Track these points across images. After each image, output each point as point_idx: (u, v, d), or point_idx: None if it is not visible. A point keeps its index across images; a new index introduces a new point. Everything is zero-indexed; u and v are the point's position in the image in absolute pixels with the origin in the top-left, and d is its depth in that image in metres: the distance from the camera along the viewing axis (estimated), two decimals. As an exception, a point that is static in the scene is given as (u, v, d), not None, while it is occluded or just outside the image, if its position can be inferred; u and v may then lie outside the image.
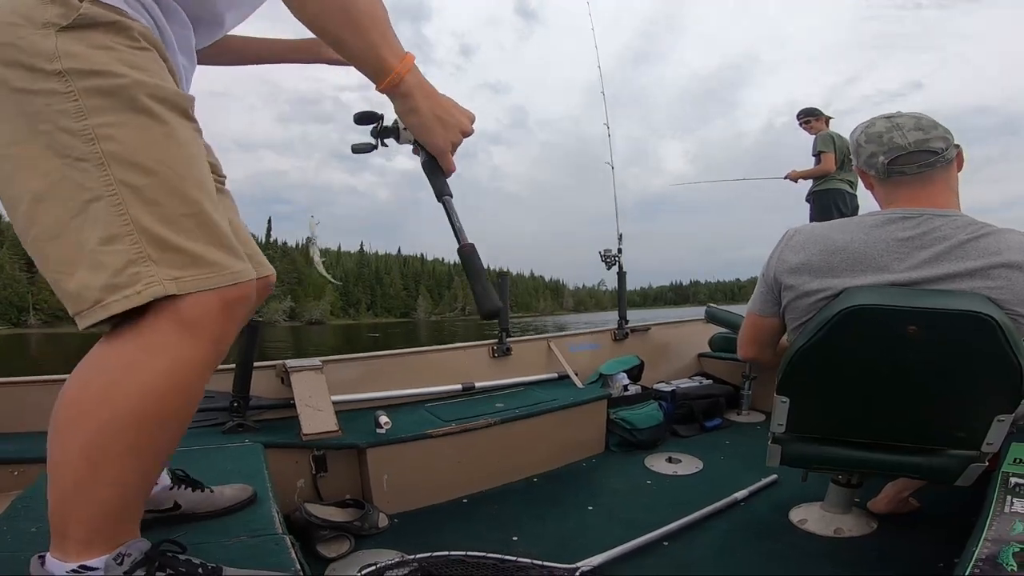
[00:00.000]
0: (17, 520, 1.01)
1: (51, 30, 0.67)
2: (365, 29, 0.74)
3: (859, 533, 1.43)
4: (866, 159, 1.15)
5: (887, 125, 1.13)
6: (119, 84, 0.68)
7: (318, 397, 1.81)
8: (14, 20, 0.67)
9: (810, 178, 4.29)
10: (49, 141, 0.66)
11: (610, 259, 3.18)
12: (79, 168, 0.66)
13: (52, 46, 0.67)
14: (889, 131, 1.12)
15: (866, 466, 1.28)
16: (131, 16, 0.72)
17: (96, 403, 0.67)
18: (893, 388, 1.15)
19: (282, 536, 1.01)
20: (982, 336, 0.99)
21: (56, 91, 0.66)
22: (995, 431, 1.11)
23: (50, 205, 0.67)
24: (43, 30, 0.67)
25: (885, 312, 1.04)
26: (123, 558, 0.69)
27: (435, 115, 0.81)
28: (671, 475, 1.99)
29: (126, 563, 0.69)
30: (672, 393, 2.50)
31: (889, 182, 1.15)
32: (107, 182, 0.66)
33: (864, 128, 1.17)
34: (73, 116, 0.66)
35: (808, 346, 1.14)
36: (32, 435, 1.62)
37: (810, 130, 4.35)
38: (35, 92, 0.67)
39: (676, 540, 1.47)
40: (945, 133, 1.11)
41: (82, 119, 0.66)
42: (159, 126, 0.70)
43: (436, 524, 1.65)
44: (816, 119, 4.34)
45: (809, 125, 4.37)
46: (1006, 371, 1.02)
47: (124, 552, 0.70)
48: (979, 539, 0.92)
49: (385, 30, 0.75)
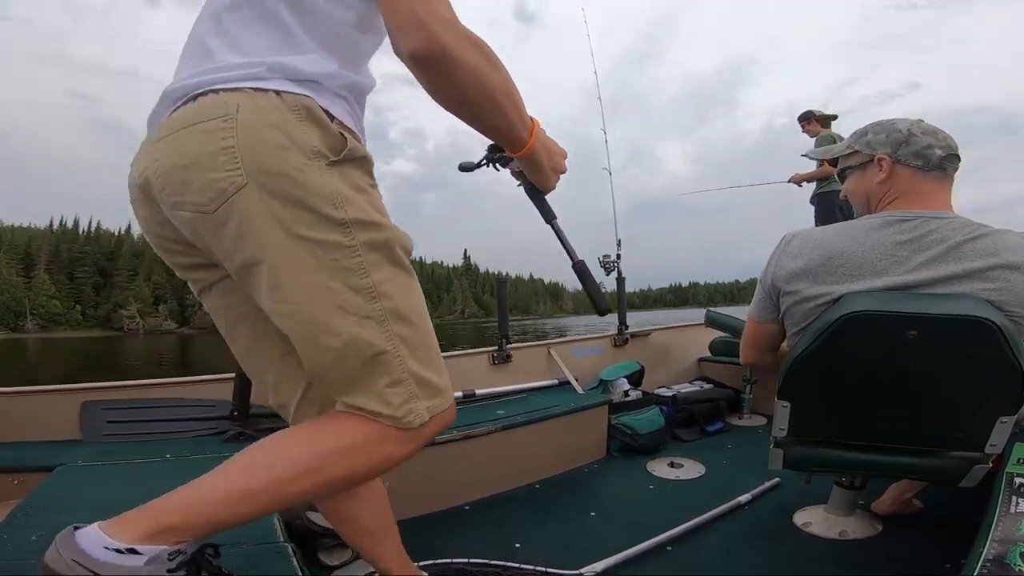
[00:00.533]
0: (17, 528, 1.01)
1: (322, 163, 0.68)
2: (502, 107, 0.76)
3: (864, 535, 1.42)
4: (920, 148, 1.15)
5: (933, 127, 1.17)
6: (384, 238, 0.72)
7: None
8: (282, 142, 0.67)
9: (813, 180, 4.30)
10: (340, 301, 0.70)
11: (609, 265, 3.18)
12: (365, 327, 0.71)
13: (330, 187, 0.68)
14: (940, 131, 1.16)
15: (869, 468, 1.28)
16: (362, 141, 0.75)
17: (319, 458, 0.73)
18: (894, 392, 1.15)
19: (284, 544, 1.00)
20: (982, 340, 0.99)
21: (342, 244, 0.69)
22: (998, 432, 1.11)
23: (344, 360, 0.72)
24: (315, 162, 0.68)
25: (884, 318, 1.04)
26: (178, 555, 0.71)
27: (551, 166, 0.90)
28: (673, 479, 1.99)
29: (176, 559, 0.70)
30: (673, 398, 2.49)
31: (927, 175, 1.15)
32: (388, 337, 0.73)
33: (914, 122, 1.19)
34: (358, 274, 0.70)
35: (807, 352, 1.14)
36: (33, 444, 1.62)
37: (808, 133, 4.38)
38: (322, 244, 0.68)
39: (680, 544, 1.46)
40: None
41: (365, 277, 0.70)
42: (411, 278, 0.77)
43: (438, 531, 1.64)
44: (809, 122, 4.38)
45: (805, 128, 4.41)
46: (1007, 374, 1.02)
47: (182, 550, 0.71)
48: (985, 540, 0.91)
49: (518, 105, 0.78)
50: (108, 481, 1.33)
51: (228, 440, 1.69)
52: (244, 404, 1.79)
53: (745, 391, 2.69)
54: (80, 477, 1.35)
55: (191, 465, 1.40)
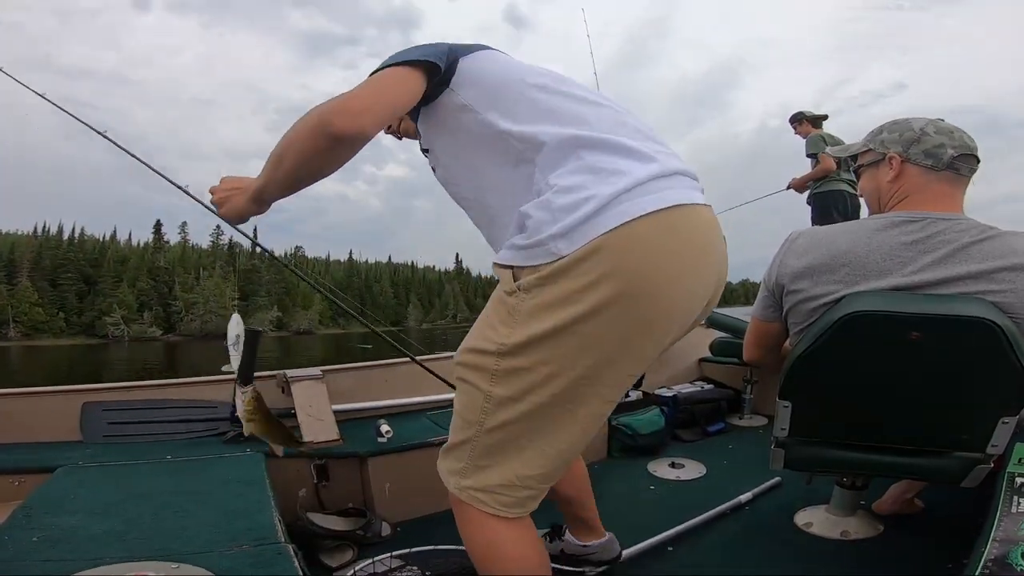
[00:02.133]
0: (18, 529, 1.00)
1: None
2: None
3: (865, 535, 1.42)
4: (931, 147, 1.13)
5: (951, 127, 1.15)
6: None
7: (319, 406, 1.80)
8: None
9: (811, 181, 4.23)
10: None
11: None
12: None
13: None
14: (957, 131, 1.14)
15: (870, 468, 1.28)
16: None
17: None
18: (896, 393, 1.14)
19: (285, 545, 1.00)
20: (986, 342, 0.99)
21: None
22: (1000, 433, 1.10)
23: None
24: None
25: (887, 318, 1.04)
26: None
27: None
28: (674, 480, 1.98)
29: None
30: (673, 398, 2.49)
31: (938, 175, 1.13)
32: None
33: (931, 121, 1.17)
34: None
35: (809, 352, 1.13)
36: (33, 445, 1.61)
37: (800, 134, 4.34)
38: None
39: (681, 544, 1.46)
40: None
41: None
42: None
43: (439, 532, 1.63)
44: (801, 123, 4.35)
45: (797, 129, 4.38)
46: (1010, 375, 1.02)
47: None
48: (987, 540, 0.91)
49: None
50: (108, 482, 1.32)
51: (228, 441, 1.69)
52: (244, 405, 1.79)
53: (746, 391, 2.69)
54: (80, 478, 1.35)
55: (191, 467, 1.40)
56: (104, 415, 1.74)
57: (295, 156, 0.85)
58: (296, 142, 0.84)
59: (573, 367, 0.80)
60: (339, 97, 0.83)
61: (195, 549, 0.98)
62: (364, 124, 0.81)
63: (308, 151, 0.84)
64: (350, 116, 0.80)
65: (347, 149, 0.84)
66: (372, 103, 0.83)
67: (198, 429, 1.79)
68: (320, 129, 0.81)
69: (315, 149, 0.83)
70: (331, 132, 0.80)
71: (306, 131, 0.83)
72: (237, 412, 1.27)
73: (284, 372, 1.91)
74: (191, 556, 0.95)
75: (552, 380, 0.81)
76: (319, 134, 0.81)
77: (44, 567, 0.90)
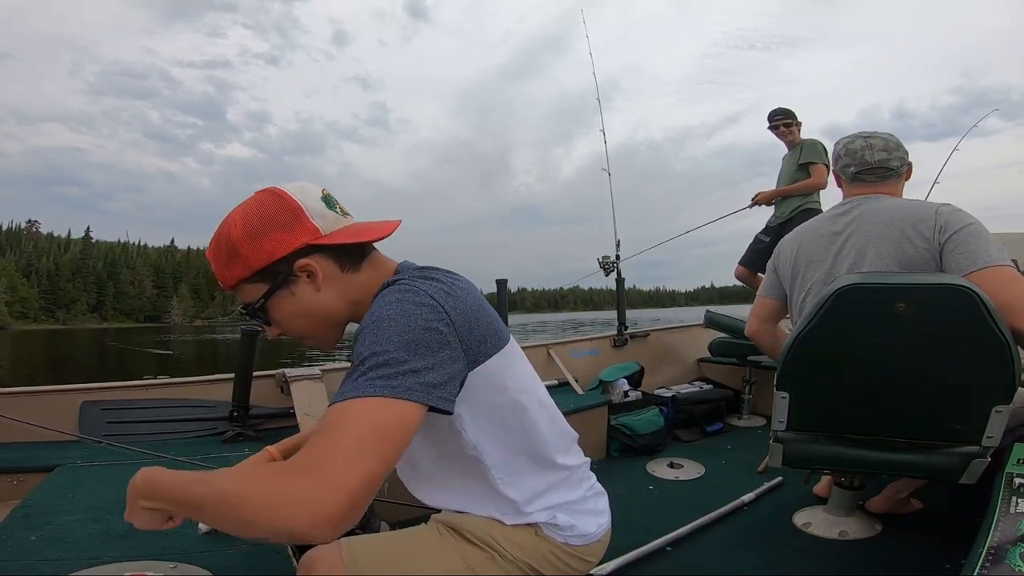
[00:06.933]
0: (17, 528, 1.01)
1: None
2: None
3: (864, 535, 1.42)
4: (841, 167, 1.44)
5: (863, 144, 1.40)
6: None
7: (318, 406, 1.80)
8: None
9: (795, 195, 3.24)
10: None
11: (609, 265, 3.19)
12: None
13: None
14: (862, 149, 1.39)
15: (868, 465, 1.28)
16: None
17: None
18: (889, 373, 1.17)
19: (283, 544, 1.00)
20: (966, 310, 1.04)
21: None
22: (994, 423, 1.11)
23: None
24: None
25: (874, 290, 1.12)
26: None
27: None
28: (673, 480, 1.99)
29: None
30: (672, 398, 2.49)
31: (853, 184, 1.43)
32: None
33: (846, 143, 1.43)
34: None
35: (805, 331, 1.18)
36: (32, 445, 1.61)
37: (786, 135, 3.32)
38: None
39: (680, 545, 1.46)
40: (904, 153, 1.39)
41: None
42: None
43: None
44: (789, 126, 3.31)
45: (783, 130, 3.32)
46: (994, 347, 1.05)
47: None
48: (985, 540, 0.91)
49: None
50: (107, 481, 1.32)
51: (227, 440, 1.69)
52: (243, 405, 1.79)
53: (745, 392, 2.70)
54: (79, 477, 1.35)
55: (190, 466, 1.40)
56: (103, 414, 1.74)
57: (221, 524, 0.61)
58: (231, 518, 0.59)
59: None
60: (311, 488, 0.56)
61: (193, 548, 0.98)
62: (343, 529, 0.58)
63: (245, 531, 0.59)
64: (330, 528, 0.56)
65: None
66: (363, 498, 0.57)
67: (197, 428, 1.79)
68: (281, 531, 0.57)
69: (255, 533, 0.58)
70: (295, 535, 0.57)
71: (251, 517, 0.57)
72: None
73: (283, 371, 1.91)
74: (189, 555, 0.95)
75: None
76: (276, 530, 0.57)
77: (42, 566, 0.90)
